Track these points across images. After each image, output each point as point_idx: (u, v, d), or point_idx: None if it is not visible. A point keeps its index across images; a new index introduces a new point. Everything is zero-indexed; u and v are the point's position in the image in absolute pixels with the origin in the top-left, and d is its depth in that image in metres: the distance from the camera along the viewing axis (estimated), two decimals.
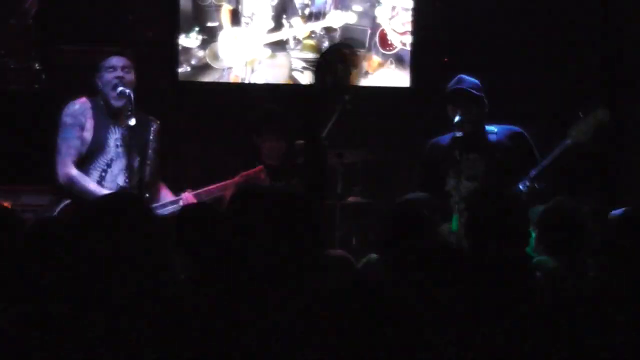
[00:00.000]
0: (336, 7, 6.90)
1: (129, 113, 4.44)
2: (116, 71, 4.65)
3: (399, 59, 6.79)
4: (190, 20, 6.70)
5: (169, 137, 5.43)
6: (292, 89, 6.70)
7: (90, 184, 4.47)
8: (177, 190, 5.04)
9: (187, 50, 6.69)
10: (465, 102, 4.49)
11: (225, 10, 6.75)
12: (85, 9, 6.13)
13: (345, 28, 6.91)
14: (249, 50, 6.74)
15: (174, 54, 6.55)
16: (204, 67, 6.71)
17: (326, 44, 6.89)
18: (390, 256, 2.93)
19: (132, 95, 4.46)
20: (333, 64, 4.69)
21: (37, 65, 5.79)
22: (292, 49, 6.85)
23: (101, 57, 4.91)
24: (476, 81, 4.59)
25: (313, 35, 6.89)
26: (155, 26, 6.46)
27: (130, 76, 4.70)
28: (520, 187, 4.35)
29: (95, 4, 6.19)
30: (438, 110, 4.73)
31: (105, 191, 4.42)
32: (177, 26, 6.57)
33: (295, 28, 6.80)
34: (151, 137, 4.66)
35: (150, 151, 4.64)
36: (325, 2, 6.89)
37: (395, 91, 6.74)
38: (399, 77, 6.78)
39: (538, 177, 4.32)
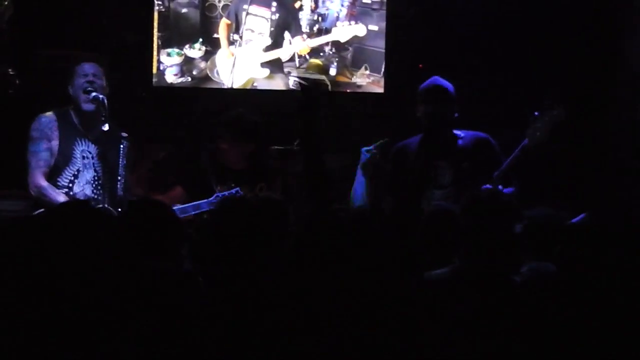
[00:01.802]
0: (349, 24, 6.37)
1: (103, 118, 4.44)
2: (87, 77, 4.62)
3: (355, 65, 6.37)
4: (196, 31, 6.42)
5: (144, 142, 5.37)
6: (270, 94, 6.36)
7: (59, 196, 4.49)
8: None
9: (190, 60, 6.43)
10: (435, 99, 4.50)
11: (223, 24, 6.40)
12: (60, 14, 6.02)
13: (359, 49, 6.37)
14: (245, 71, 6.38)
15: (149, 59, 6.31)
16: (205, 79, 6.41)
17: (335, 64, 6.40)
18: None
19: (105, 101, 4.47)
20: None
21: (11, 70, 5.72)
22: (297, 67, 6.41)
23: (76, 62, 4.89)
24: (449, 84, 4.58)
25: (321, 54, 6.41)
26: (131, 32, 6.27)
27: (101, 82, 4.67)
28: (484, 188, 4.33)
29: (70, 9, 6.06)
30: (411, 115, 4.72)
31: None
32: (152, 31, 6.31)
33: (295, 45, 6.35)
34: (121, 154, 4.62)
35: (120, 168, 4.61)
36: (337, 19, 6.37)
37: (369, 97, 6.36)
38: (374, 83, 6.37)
39: (500, 178, 4.35)
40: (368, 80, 6.38)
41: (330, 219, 2.97)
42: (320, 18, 6.37)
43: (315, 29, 6.38)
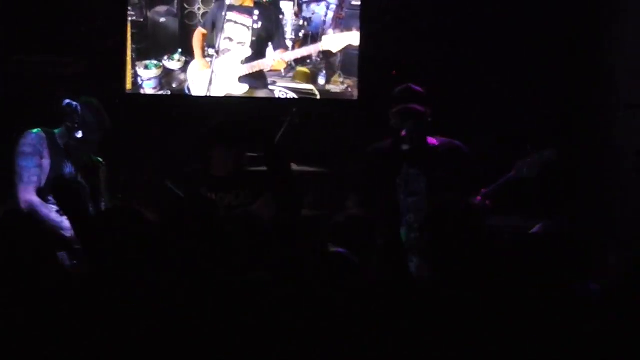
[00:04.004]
0: (335, 28, 5.90)
1: (76, 125, 4.45)
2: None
3: (345, 69, 5.94)
4: (175, 41, 6.01)
5: (119, 150, 5.19)
6: (248, 101, 5.97)
7: (51, 213, 4.46)
8: None
9: (169, 72, 6.02)
10: (412, 118, 4.41)
11: (198, 34, 5.98)
12: (38, 20, 5.80)
13: (348, 53, 5.91)
14: (221, 86, 5.96)
15: (123, 66, 5.96)
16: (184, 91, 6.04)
17: (324, 72, 5.94)
18: None
19: (78, 108, 4.45)
20: None
21: None
22: (283, 77, 5.96)
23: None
24: (421, 91, 4.51)
25: (308, 61, 5.95)
26: (108, 38, 5.96)
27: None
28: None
29: (48, 15, 5.82)
30: (385, 122, 4.63)
31: (65, 220, 4.41)
32: (126, 38, 5.95)
33: (271, 59, 5.93)
34: (101, 179, 4.67)
35: (102, 190, 4.66)
36: (324, 22, 5.91)
37: (343, 103, 6.01)
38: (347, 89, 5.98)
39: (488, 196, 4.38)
40: (343, 87, 5.97)
41: None
42: (305, 23, 5.93)
43: (301, 34, 5.94)
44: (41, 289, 2.85)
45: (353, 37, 5.87)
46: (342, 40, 5.87)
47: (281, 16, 5.93)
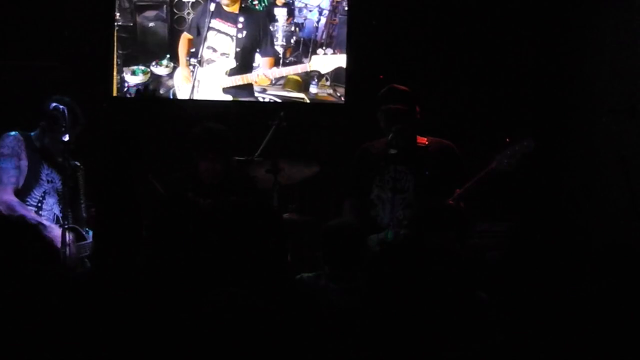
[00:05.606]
0: (329, 35, 5.69)
1: (63, 129, 4.39)
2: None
3: (336, 77, 5.77)
4: (163, 46, 5.84)
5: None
6: (233, 105, 5.80)
7: (30, 213, 4.45)
8: None
9: (157, 78, 5.85)
10: (398, 119, 4.38)
11: (184, 39, 5.80)
12: (20, 24, 5.72)
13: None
14: (204, 96, 5.78)
15: (109, 69, 5.81)
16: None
17: (315, 81, 5.72)
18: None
19: (65, 111, 4.41)
20: None
21: None
22: (273, 85, 5.74)
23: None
24: (406, 91, 4.48)
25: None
26: (94, 43, 5.83)
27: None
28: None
29: (30, 19, 5.73)
30: (372, 125, 4.63)
31: (44, 221, 4.47)
32: (112, 41, 5.80)
33: (256, 74, 5.74)
34: (80, 182, 4.65)
35: (81, 194, 4.66)
36: (316, 28, 5.70)
37: (331, 107, 5.85)
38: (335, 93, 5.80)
39: (463, 196, 4.31)
40: (330, 91, 5.78)
41: None
42: (297, 29, 5.72)
43: (292, 41, 5.72)
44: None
45: (343, 60, 5.70)
46: (331, 62, 5.72)
47: (273, 22, 5.74)
